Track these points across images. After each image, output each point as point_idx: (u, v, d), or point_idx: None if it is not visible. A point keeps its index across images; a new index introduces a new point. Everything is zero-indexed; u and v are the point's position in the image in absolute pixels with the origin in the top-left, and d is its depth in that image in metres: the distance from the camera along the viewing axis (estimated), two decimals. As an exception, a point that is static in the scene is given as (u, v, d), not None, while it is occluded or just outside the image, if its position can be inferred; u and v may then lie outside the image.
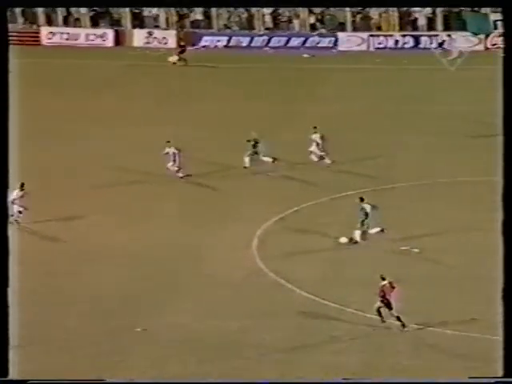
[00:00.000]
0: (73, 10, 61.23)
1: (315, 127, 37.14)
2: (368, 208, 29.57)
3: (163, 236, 30.45)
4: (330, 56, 57.58)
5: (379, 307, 24.01)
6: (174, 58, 54.96)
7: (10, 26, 67.58)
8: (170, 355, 22.97)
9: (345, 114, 44.86)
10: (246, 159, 36.38)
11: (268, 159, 36.49)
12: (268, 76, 52.43)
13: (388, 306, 23.93)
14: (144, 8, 59.63)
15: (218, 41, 60.74)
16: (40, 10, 60.82)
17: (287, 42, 60.36)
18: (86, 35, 61.24)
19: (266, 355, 22.97)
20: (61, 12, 61.56)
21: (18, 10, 61.21)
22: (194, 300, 26.01)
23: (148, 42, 60.42)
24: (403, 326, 23.93)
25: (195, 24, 62.00)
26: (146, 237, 30.40)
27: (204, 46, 60.57)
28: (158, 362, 22.61)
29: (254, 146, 36.53)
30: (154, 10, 61.15)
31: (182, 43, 56.44)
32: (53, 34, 61.32)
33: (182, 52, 55.31)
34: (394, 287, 24.01)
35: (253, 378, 21.56)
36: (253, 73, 53.34)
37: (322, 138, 36.95)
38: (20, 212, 30.83)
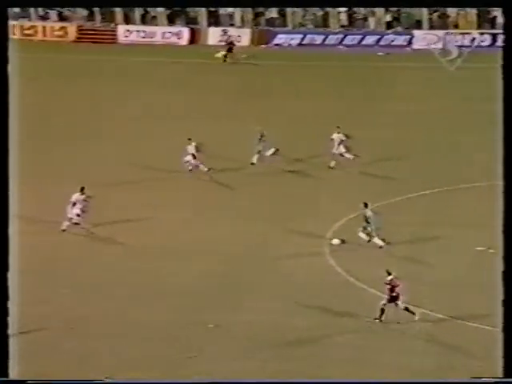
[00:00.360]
0: (150, 8, 61.85)
1: (338, 127, 36.34)
2: (370, 214, 29.14)
3: (236, 233, 30.55)
4: (405, 54, 57.08)
5: (384, 304, 24.06)
6: (220, 54, 55.31)
7: (89, 24, 68.52)
8: (241, 351, 23.04)
9: (418, 112, 44.44)
10: (255, 156, 36.29)
11: (271, 151, 36.15)
12: (341, 74, 52.25)
13: (395, 299, 23.97)
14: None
15: (292, 39, 60.74)
16: (118, 9, 61.57)
17: (361, 40, 60.04)
18: (162, 33, 61.83)
19: (336, 354, 22.92)
20: (138, 10, 62.25)
21: (96, 10, 62.17)
22: (267, 297, 26.03)
23: (222, 40, 60.71)
24: (413, 313, 23.98)
25: (270, 22, 62.12)
26: (219, 234, 30.52)
27: (278, 44, 60.63)
28: (230, 358, 22.69)
29: (260, 141, 36.38)
30: (230, 8, 61.40)
31: (230, 41, 56.69)
32: (129, 31, 62.05)
33: (229, 50, 55.60)
34: (398, 283, 24.10)
35: (322, 376, 21.54)
36: (326, 71, 53.20)
37: (346, 136, 35.99)
38: (78, 215, 30.02)
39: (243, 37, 60.58)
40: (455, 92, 47.84)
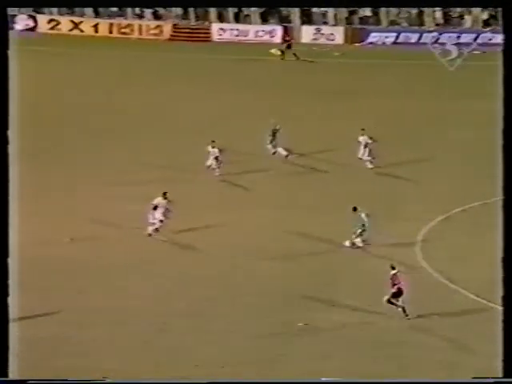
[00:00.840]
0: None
1: (363, 129, 35.75)
2: (364, 217, 28.77)
3: (324, 232, 30.40)
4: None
5: (391, 298, 24.00)
6: (275, 51, 55.38)
7: (183, 23, 68.67)
8: (330, 351, 22.97)
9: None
10: (269, 147, 36.21)
11: (282, 151, 35.99)
12: (435, 72, 51.67)
13: (397, 294, 23.90)
14: (312, 4, 59.91)
15: (386, 37, 60.32)
16: (212, 8, 62.08)
17: (458, 38, 59.17)
18: (255, 31, 62.13)
19: (427, 355, 22.67)
20: (231, 9, 62.68)
21: (191, 10, 62.81)
22: (356, 297, 25.88)
23: (315, 39, 60.66)
24: (406, 315, 24.10)
25: (364, 20, 61.80)
26: (308, 234, 30.42)
27: (371, 43, 60.27)
28: (318, 358, 22.63)
29: (274, 135, 36.03)
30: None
31: (288, 38, 56.49)
32: (223, 30, 62.53)
33: (288, 47, 55.45)
34: (400, 280, 24.07)
35: (412, 377, 21.33)
36: (419, 69, 52.70)
37: (371, 139, 35.43)
38: (161, 220, 29.32)
39: (336, 35, 60.46)
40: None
